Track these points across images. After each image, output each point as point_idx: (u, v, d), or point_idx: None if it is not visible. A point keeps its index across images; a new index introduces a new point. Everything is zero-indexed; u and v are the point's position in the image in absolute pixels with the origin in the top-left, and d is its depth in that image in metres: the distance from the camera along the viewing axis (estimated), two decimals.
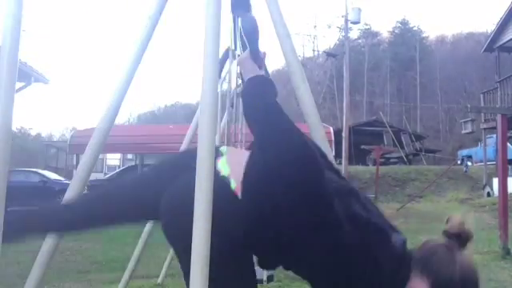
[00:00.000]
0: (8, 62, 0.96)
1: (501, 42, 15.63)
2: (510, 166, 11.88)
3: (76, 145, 13.02)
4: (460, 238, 1.02)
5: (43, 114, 75.63)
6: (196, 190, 0.91)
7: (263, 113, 1.08)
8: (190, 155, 1.11)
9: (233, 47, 2.57)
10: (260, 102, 1.09)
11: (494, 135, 11.61)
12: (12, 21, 0.99)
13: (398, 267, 0.97)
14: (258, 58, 1.14)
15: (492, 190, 12.13)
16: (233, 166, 1.12)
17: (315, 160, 1.06)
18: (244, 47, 1.16)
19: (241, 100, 1.16)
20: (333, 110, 39.92)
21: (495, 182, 10.11)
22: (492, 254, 5.86)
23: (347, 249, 0.96)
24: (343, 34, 18.23)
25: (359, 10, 16.75)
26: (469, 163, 18.36)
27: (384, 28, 54.03)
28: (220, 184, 1.03)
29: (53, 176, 15.22)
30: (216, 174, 0.99)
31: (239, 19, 1.09)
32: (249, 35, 1.09)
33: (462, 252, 1.00)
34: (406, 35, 49.22)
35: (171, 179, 1.16)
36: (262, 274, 3.15)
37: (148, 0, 1.68)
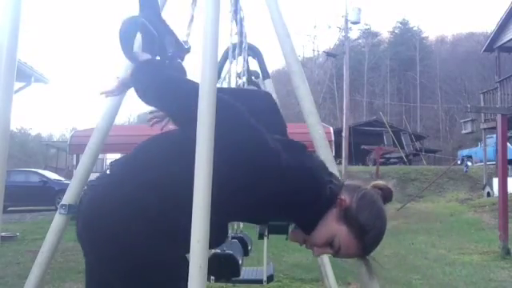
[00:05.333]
0: (7, 62, 0.96)
1: (501, 42, 15.63)
2: (510, 166, 11.90)
3: (76, 145, 12.98)
4: (384, 191, 1.17)
5: (43, 114, 75.81)
6: (195, 194, 0.91)
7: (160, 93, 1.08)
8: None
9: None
10: (150, 86, 1.09)
11: (494, 135, 11.61)
12: (12, 21, 0.99)
13: (329, 179, 1.13)
14: (130, 58, 1.14)
15: (492, 190, 12.13)
16: None
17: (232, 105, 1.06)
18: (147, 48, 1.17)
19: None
20: (333, 110, 39.94)
21: (495, 182, 10.11)
22: (492, 254, 5.87)
23: (290, 171, 1.04)
24: (343, 33, 18.22)
25: (359, 9, 16.76)
26: (469, 163, 18.37)
27: (384, 28, 54.21)
28: None
29: (53, 176, 15.22)
30: None
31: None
32: (120, 37, 1.09)
33: (383, 202, 1.16)
34: (405, 35, 49.25)
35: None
36: (261, 274, 3.14)
37: None
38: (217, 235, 1.19)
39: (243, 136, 1.00)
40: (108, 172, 1.18)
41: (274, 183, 1.03)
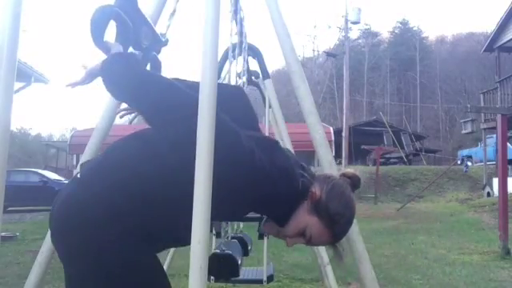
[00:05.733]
0: (7, 62, 0.96)
1: (501, 42, 15.64)
2: (510, 166, 11.90)
3: (76, 145, 13.04)
4: (352, 179, 1.22)
5: (43, 114, 75.80)
6: (195, 194, 0.91)
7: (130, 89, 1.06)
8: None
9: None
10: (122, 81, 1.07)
11: (494, 135, 11.61)
12: (12, 21, 0.99)
13: (300, 172, 1.16)
14: (101, 47, 1.12)
15: (492, 190, 12.13)
16: None
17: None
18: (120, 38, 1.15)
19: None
20: (333, 110, 39.95)
21: (495, 181, 10.11)
22: (492, 254, 5.87)
23: (262, 167, 1.06)
24: (343, 33, 18.22)
25: (359, 9, 16.77)
26: (469, 163, 18.36)
27: (384, 28, 54.19)
28: None
29: (53, 176, 15.21)
30: None
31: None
32: (92, 24, 1.08)
33: (352, 190, 1.21)
34: (405, 35, 49.26)
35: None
36: (261, 274, 3.14)
37: (148, 0, 1.68)
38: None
39: (217, 133, 0.98)
40: (78, 175, 1.17)
41: (248, 180, 1.04)
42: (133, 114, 1.35)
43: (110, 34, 1.14)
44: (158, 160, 1.09)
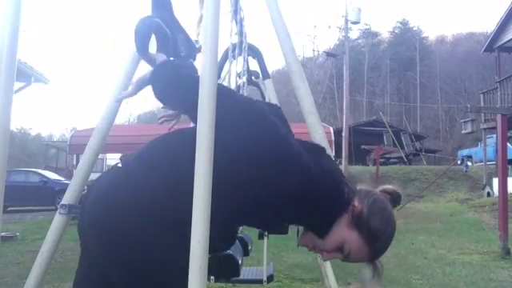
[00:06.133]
0: (7, 62, 0.96)
1: (501, 42, 15.63)
2: (510, 166, 11.89)
3: (76, 145, 12.99)
4: (393, 196, 1.20)
5: (43, 114, 75.85)
6: (195, 194, 0.91)
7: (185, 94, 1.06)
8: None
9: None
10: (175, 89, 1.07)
11: (494, 135, 11.61)
12: (12, 21, 0.99)
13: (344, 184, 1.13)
14: (146, 59, 1.13)
15: (492, 190, 12.13)
16: None
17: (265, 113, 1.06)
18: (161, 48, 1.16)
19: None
20: (333, 110, 39.94)
21: (495, 181, 10.11)
22: (492, 254, 5.87)
23: (309, 171, 1.04)
24: (343, 33, 18.21)
25: (359, 9, 16.75)
26: (469, 163, 18.37)
27: (384, 28, 54.14)
28: None
29: (53, 176, 15.22)
30: None
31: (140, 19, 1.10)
32: (136, 36, 1.09)
33: (392, 206, 1.19)
34: (405, 35, 49.26)
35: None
36: (261, 274, 3.14)
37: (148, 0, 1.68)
38: (225, 235, 1.18)
39: (266, 134, 0.99)
40: (119, 165, 1.16)
41: (295, 185, 1.02)
42: (173, 121, 1.35)
43: (151, 44, 1.15)
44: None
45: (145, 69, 1.16)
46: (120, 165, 1.17)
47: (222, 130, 0.96)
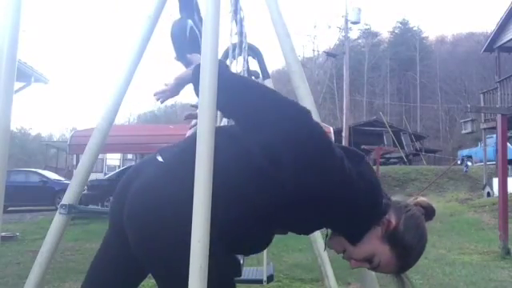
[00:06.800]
0: (7, 62, 0.96)
1: (501, 42, 15.63)
2: (510, 166, 11.89)
3: (76, 145, 12.99)
4: (427, 210, 1.19)
5: (43, 114, 75.89)
6: (195, 193, 0.90)
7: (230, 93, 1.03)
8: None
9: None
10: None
11: (494, 135, 11.61)
12: (12, 21, 0.99)
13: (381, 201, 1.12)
14: (184, 62, 1.13)
15: (492, 190, 12.12)
16: None
17: (309, 116, 1.04)
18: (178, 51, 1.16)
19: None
20: (333, 110, 39.94)
21: (495, 181, 10.11)
22: (492, 254, 5.86)
23: (350, 179, 1.03)
24: (343, 33, 18.22)
25: (359, 9, 16.77)
26: (469, 163, 18.37)
27: (384, 28, 54.18)
28: None
29: (53, 176, 15.23)
30: None
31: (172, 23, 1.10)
32: (174, 39, 1.09)
33: (425, 221, 1.18)
34: (405, 35, 49.25)
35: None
36: (261, 274, 3.14)
37: (148, 0, 1.68)
38: (264, 241, 1.19)
39: (312, 138, 0.99)
40: (160, 160, 1.15)
41: (335, 187, 1.02)
42: (194, 121, 1.35)
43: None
44: (246, 158, 1.08)
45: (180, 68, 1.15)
46: (160, 159, 1.15)
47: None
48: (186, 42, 1.11)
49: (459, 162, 19.41)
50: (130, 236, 1.11)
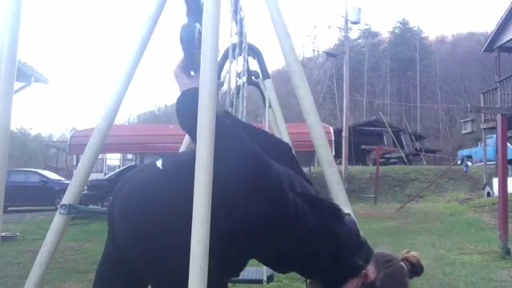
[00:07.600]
0: (7, 62, 0.96)
1: (501, 42, 15.63)
2: (510, 166, 11.89)
3: (76, 145, 13.02)
4: (414, 267, 1.17)
5: (43, 114, 75.87)
6: (195, 194, 0.90)
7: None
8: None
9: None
10: (195, 113, 1.00)
11: (494, 135, 11.61)
12: (12, 21, 0.99)
13: (357, 249, 1.10)
14: (192, 67, 1.11)
15: (492, 190, 12.12)
16: None
17: (261, 158, 1.02)
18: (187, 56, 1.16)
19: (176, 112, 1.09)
20: (333, 110, 39.94)
21: (495, 181, 10.11)
22: (492, 254, 5.86)
23: (311, 234, 1.02)
24: (343, 33, 18.22)
25: (359, 9, 16.76)
26: (469, 163, 18.37)
27: (384, 28, 54.12)
28: None
29: (53, 176, 15.23)
30: None
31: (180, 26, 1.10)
32: (184, 44, 1.09)
33: (408, 278, 1.15)
34: (405, 35, 49.24)
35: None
36: (261, 274, 3.14)
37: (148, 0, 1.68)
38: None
39: (264, 187, 0.98)
40: (159, 165, 1.15)
41: (292, 242, 1.02)
42: None
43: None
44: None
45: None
46: (160, 165, 1.15)
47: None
48: (194, 47, 1.11)
49: (459, 162, 19.41)
50: (121, 237, 1.10)
